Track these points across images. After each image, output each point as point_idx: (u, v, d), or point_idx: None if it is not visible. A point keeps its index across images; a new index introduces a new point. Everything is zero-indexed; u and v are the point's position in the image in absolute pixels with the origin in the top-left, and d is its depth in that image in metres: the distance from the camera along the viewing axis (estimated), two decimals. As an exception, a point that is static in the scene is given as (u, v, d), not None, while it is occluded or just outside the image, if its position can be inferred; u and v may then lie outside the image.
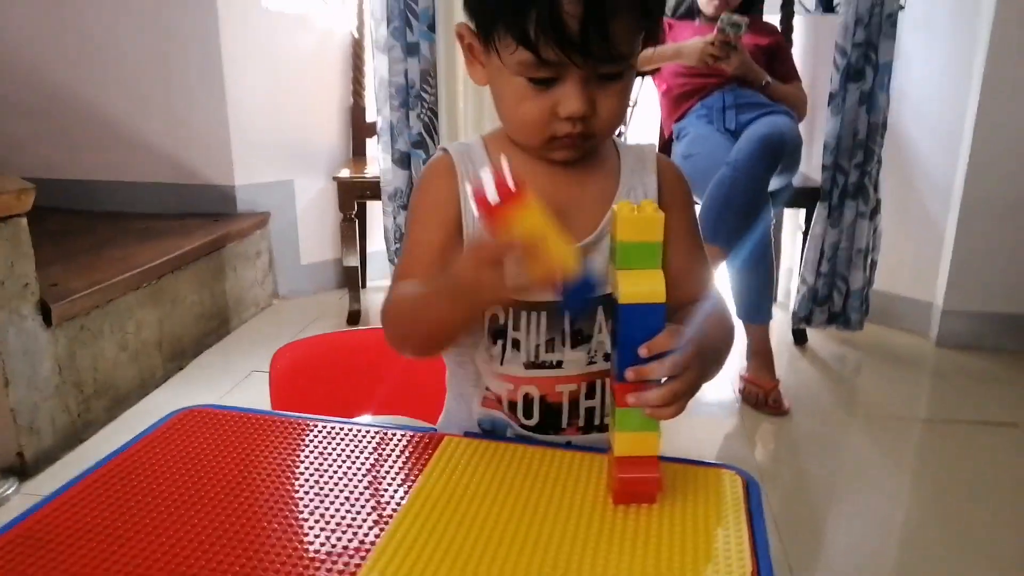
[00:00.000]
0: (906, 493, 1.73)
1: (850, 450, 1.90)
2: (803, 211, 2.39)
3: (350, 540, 0.57)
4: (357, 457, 0.69)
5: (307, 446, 0.71)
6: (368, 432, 0.73)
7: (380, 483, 0.65)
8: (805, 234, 2.39)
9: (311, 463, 0.68)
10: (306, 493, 0.63)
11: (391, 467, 0.67)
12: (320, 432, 0.73)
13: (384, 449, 0.70)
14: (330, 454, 0.69)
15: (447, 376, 0.83)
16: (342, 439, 0.72)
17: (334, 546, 0.56)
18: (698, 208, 2.02)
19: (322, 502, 0.62)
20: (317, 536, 0.57)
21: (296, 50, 2.60)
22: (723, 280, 2.06)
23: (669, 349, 0.58)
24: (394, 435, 0.72)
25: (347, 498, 0.63)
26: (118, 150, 2.58)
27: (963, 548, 1.49)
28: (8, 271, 1.56)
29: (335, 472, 0.66)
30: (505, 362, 0.75)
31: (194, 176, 2.58)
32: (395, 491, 0.64)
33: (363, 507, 0.61)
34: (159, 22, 2.44)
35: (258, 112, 2.56)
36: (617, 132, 0.78)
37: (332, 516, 0.60)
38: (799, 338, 2.47)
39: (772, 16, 2.54)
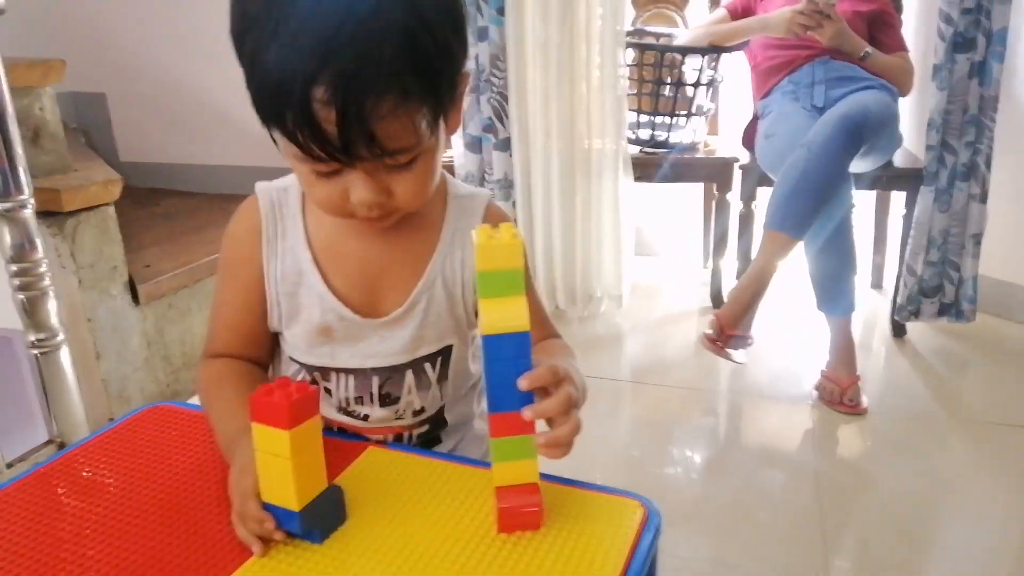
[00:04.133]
0: (1002, 514, 1.57)
1: (937, 459, 1.74)
2: (904, 194, 2.20)
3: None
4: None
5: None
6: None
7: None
8: (907, 219, 2.20)
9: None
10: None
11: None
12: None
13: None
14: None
15: None
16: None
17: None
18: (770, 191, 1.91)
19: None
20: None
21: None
22: (798, 268, 1.94)
23: (551, 383, 0.57)
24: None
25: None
26: (227, 137, 2.76)
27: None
28: (97, 255, 1.72)
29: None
30: (321, 400, 0.75)
31: (291, 160, 2.71)
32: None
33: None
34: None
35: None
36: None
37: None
38: (898, 330, 2.29)
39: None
